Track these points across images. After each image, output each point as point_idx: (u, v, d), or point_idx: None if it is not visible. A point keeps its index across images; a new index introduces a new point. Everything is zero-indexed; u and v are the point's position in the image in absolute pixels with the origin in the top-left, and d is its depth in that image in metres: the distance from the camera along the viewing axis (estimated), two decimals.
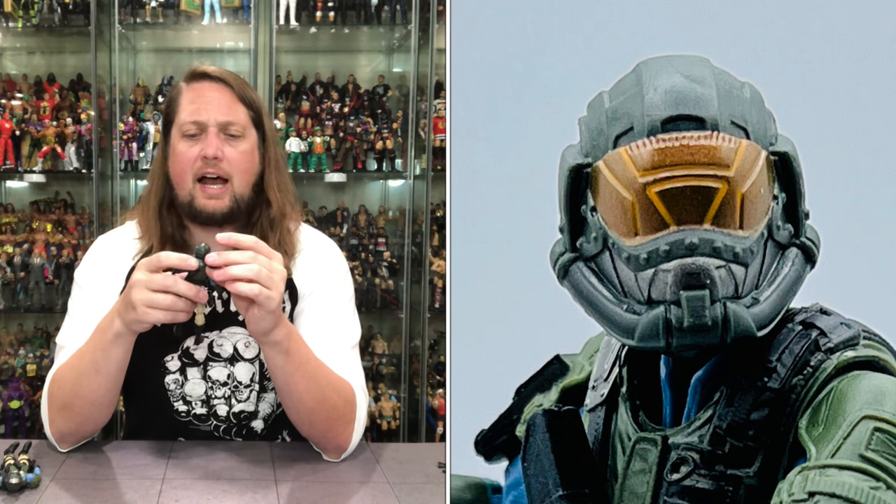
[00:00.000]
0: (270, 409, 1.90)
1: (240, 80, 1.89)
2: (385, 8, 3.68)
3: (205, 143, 1.79)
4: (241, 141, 1.83)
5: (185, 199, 1.82)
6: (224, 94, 1.83)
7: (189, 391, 1.86)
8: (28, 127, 3.60)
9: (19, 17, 3.58)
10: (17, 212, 3.78)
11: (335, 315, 1.88)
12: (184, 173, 1.81)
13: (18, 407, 3.49)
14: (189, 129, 1.81)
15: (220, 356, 1.86)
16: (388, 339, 3.80)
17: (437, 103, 3.55)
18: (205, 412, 1.87)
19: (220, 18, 3.62)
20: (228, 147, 1.81)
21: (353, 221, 3.81)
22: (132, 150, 3.59)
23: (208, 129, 1.80)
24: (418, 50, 3.58)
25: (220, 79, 1.84)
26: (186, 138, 1.81)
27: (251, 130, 1.85)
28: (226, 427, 1.89)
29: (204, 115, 1.80)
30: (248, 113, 1.84)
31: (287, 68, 3.80)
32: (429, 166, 3.56)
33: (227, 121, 1.81)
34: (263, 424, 1.91)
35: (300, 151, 3.65)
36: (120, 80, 3.55)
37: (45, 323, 3.75)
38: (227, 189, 1.81)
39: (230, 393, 1.87)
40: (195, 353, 1.86)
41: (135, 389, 1.94)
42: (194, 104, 1.82)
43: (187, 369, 1.86)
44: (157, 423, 1.89)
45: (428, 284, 3.60)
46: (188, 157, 1.80)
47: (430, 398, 3.63)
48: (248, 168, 1.84)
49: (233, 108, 1.83)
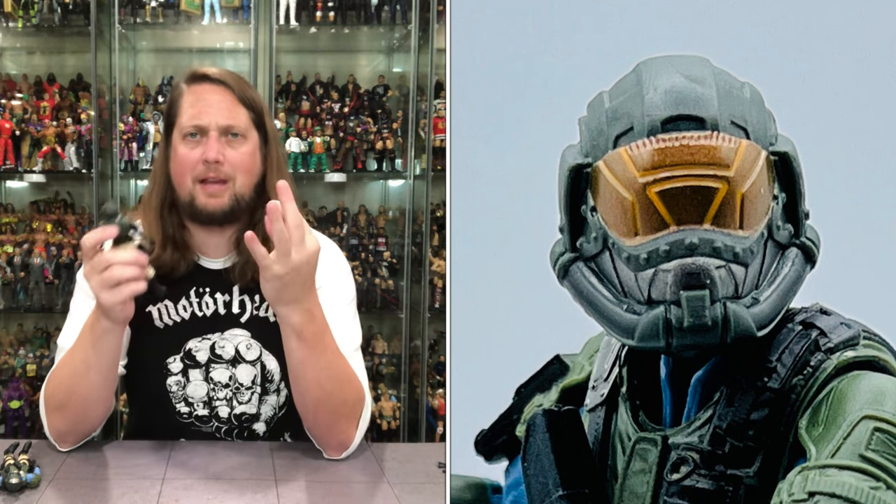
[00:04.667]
0: (273, 412, 1.90)
1: (241, 82, 1.88)
2: (385, 8, 3.68)
3: (206, 146, 1.79)
4: (243, 142, 1.82)
5: (185, 198, 1.82)
6: (225, 96, 1.82)
7: (191, 393, 1.86)
8: (28, 127, 3.60)
9: (19, 17, 3.58)
10: (17, 212, 3.78)
11: (338, 318, 1.86)
12: (184, 175, 1.81)
13: (18, 407, 3.49)
14: (190, 131, 1.81)
15: (221, 358, 1.86)
16: (388, 339, 3.80)
17: (437, 103, 3.55)
18: (206, 413, 1.87)
19: (220, 18, 3.62)
20: (229, 149, 1.81)
21: (353, 221, 3.81)
22: (132, 150, 3.59)
23: (209, 132, 1.79)
24: (418, 50, 3.58)
25: (221, 81, 1.83)
26: (188, 140, 1.81)
27: (252, 132, 1.85)
28: (227, 429, 1.89)
29: (205, 119, 1.80)
30: (249, 114, 1.84)
31: (287, 68, 3.80)
32: (429, 166, 3.56)
33: (229, 124, 1.81)
34: (265, 427, 1.91)
35: (300, 151, 3.65)
36: (120, 80, 3.55)
37: (45, 323, 3.75)
38: (228, 188, 1.81)
39: (232, 395, 1.87)
40: (197, 355, 1.86)
41: (137, 391, 1.94)
42: (195, 107, 1.81)
43: (189, 371, 1.86)
44: (158, 425, 1.89)
45: (428, 284, 3.60)
46: (190, 160, 1.80)
47: (430, 398, 3.63)
48: (250, 169, 1.84)
49: (234, 111, 1.82)
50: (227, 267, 1.87)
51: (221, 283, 1.86)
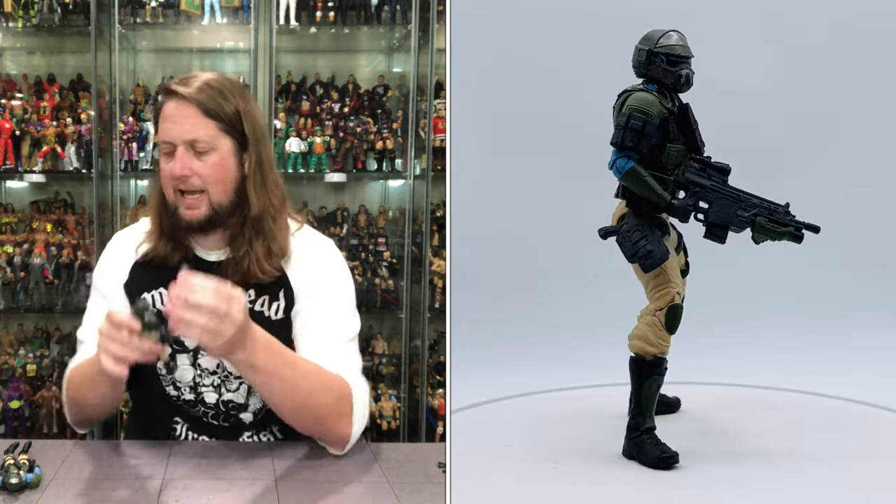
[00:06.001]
0: (261, 404, 1.94)
1: (207, 93, 1.88)
2: (385, 8, 3.67)
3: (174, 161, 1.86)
4: (210, 154, 1.87)
5: (172, 207, 1.90)
6: (189, 111, 1.85)
7: (178, 377, 1.94)
8: (28, 127, 3.60)
9: (19, 17, 3.57)
10: (17, 212, 3.78)
11: (332, 311, 1.93)
12: (167, 187, 1.89)
13: (18, 407, 3.49)
14: (163, 147, 1.88)
15: None
16: (388, 339, 3.80)
17: (437, 103, 3.55)
18: (193, 398, 1.94)
19: (220, 18, 3.62)
20: (197, 162, 1.86)
21: (353, 221, 3.80)
22: (132, 150, 3.58)
23: (177, 146, 1.86)
24: (418, 50, 3.57)
25: (183, 96, 1.86)
26: (164, 155, 1.89)
27: (221, 141, 1.88)
28: (214, 413, 1.94)
29: (170, 135, 1.86)
30: (216, 125, 1.87)
31: (287, 68, 3.80)
32: (429, 166, 3.56)
33: (192, 138, 1.86)
34: (253, 418, 1.96)
35: (300, 151, 3.65)
36: (120, 80, 3.54)
37: (45, 323, 3.74)
38: (204, 198, 1.88)
39: (220, 382, 1.93)
40: (186, 341, 1.91)
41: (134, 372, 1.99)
42: (164, 123, 1.88)
43: (177, 356, 1.94)
44: (154, 404, 1.98)
45: (428, 284, 3.60)
46: (166, 173, 1.88)
47: (430, 398, 3.63)
48: (221, 178, 1.88)
49: (196, 125, 1.85)
50: (221, 260, 1.93)
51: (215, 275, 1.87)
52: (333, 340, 1.89)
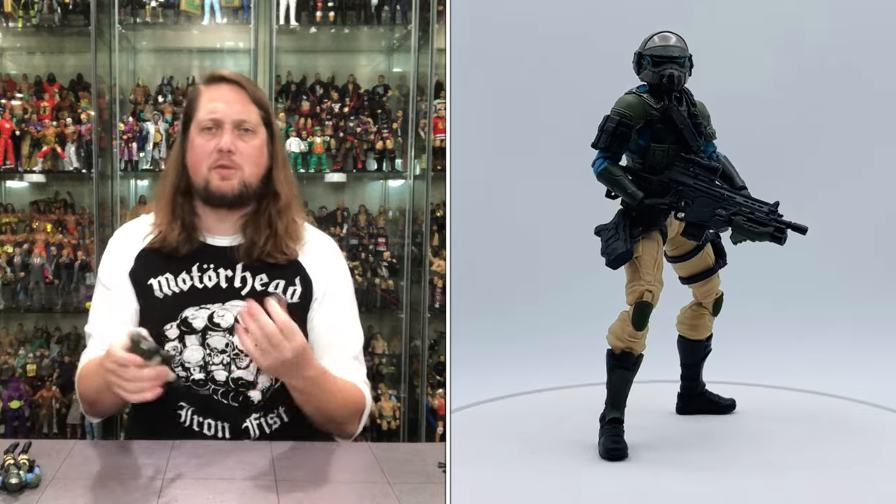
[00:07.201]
0: (269, 383, 2.01)
1: (252, 84, 2.12)
2: (385, 8, 3.67)
3: (220, 137, 2.00)
4: (253, 137, 2.04)
5: (200, 184, 2.02)
6: (239, 95, 2.04)
7: (187, 357, 1.99)
8: (28, 127, 3.60)
9: (19, 17, 3.58)
10: (17, 212, 3.78)
11: (345, 321, 2.09)
12: (200, 163, 2.02)
13: (18, 407, 3.49)
14: (207, 125, 2.02)
15: (219, 326, 2.00)
16: (388, 339, 3.80)
17: (437, 103, 3.55)
18: (202, 377, 1.99)
19: (220, 18, 3.62)
20: (241, 142, 2.02)
21: (353, 221, 3.80)
22: (132, 150, 3.59)
23: (224, 125, 2.01)
24: (418, 50, 3.58)
25: (236, 81, 2.07)
26: (204, 133, 2.02)
27: (262, 128, 2.06)
28: (223, 391, 2.00)
29: (220, 114, 2.02)
30: (259, 113, 2.05)
31: (287, 68, 3.80)
32: (429, 166, 3.56)
33: (241, 119, 2.03)
34: (261, 396, 2.01)
35: (300, 151, 3.65)
36: (120, 80, 3.55)
37: (45, 323, 3.74)
38: (238, 174, 2.02)
39: (230, 360, 2.00)
40: (194, 322, 2.00)
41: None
42: (213, 104, 2.03)
43: (185, 337, 2.00)
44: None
45: (428, 284, 3.60)
46: (205, 150, 2.01)
47: (430, 398, 3.63)
48: (258, 161, 2.05)
49: (246, 108, 2.04)
50: (233, 245, 2.05)
51: (226, 259, 2.05)
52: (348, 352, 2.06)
